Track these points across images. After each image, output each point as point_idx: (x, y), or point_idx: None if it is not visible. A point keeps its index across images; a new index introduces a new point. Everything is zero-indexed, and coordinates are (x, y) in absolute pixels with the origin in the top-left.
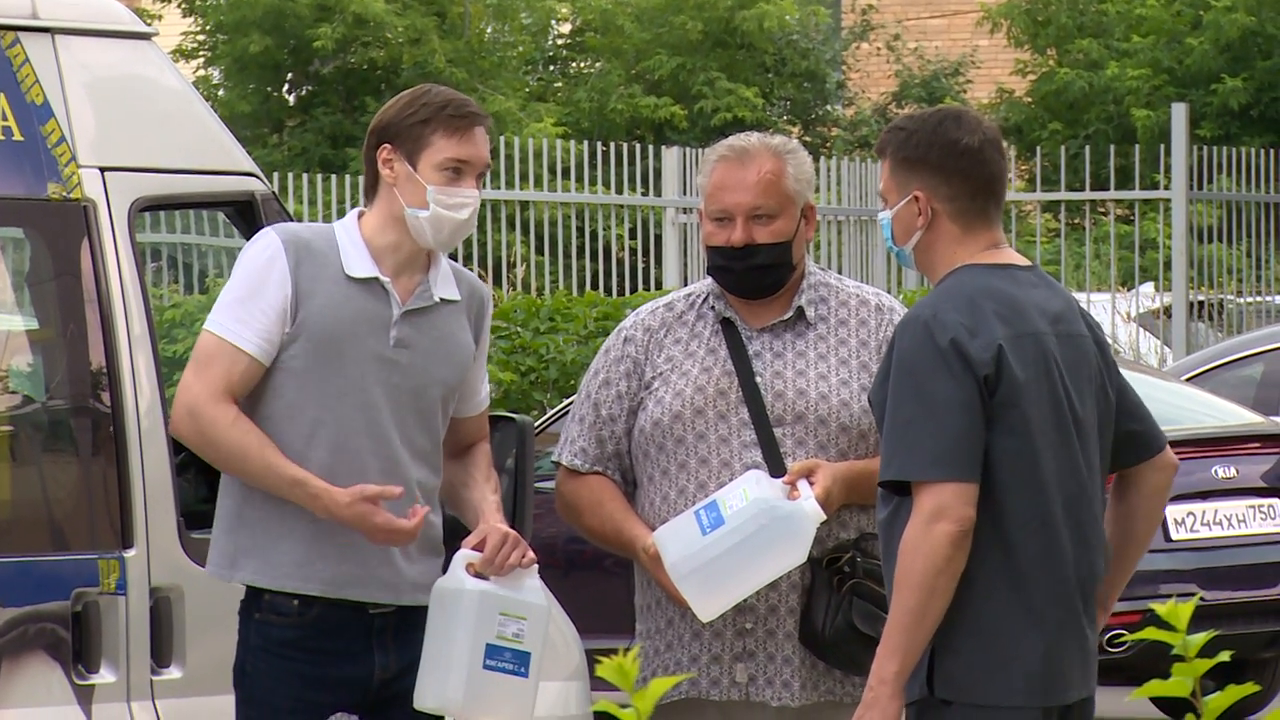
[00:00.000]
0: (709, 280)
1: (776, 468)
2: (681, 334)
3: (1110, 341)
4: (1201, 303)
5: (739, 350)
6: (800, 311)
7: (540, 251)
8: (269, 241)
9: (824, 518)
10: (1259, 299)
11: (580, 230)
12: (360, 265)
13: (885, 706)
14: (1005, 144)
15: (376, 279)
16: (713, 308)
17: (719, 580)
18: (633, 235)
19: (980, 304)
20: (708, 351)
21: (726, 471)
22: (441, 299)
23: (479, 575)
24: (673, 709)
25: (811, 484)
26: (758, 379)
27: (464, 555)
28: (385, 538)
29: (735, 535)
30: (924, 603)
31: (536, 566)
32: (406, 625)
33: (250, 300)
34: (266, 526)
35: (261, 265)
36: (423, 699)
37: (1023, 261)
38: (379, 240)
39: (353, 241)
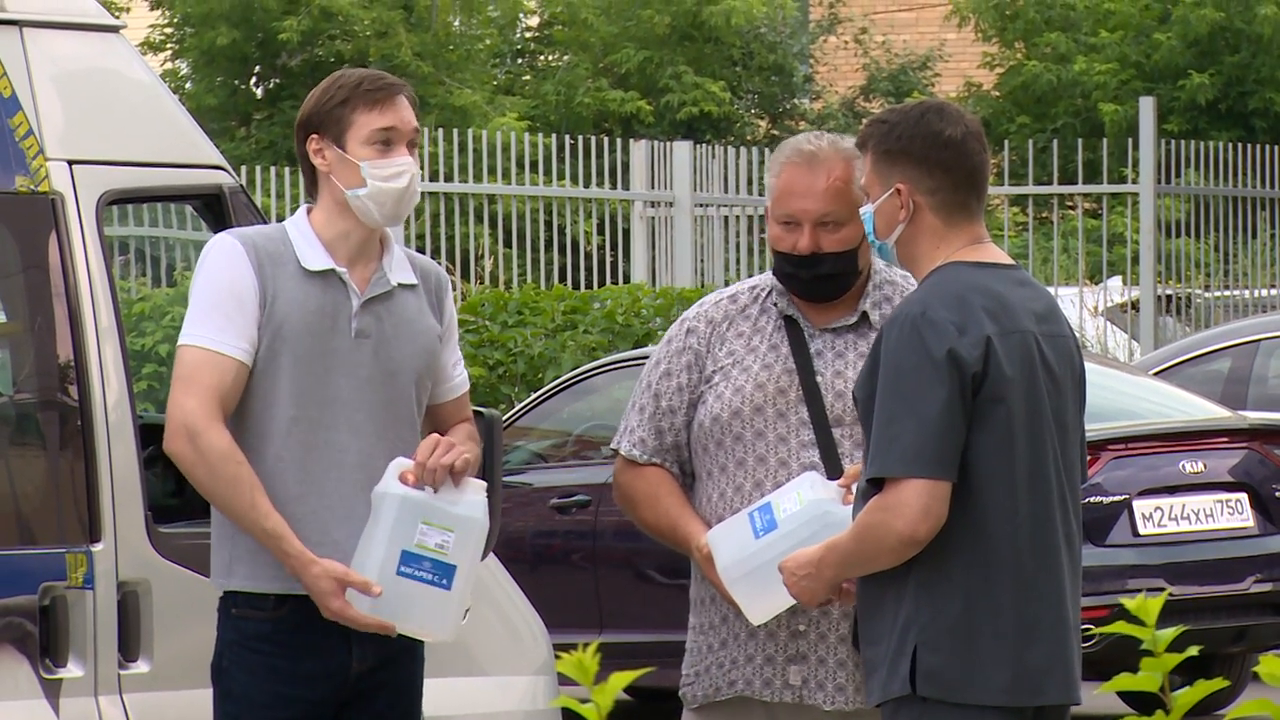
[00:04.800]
0: (771, 274)
1: (833, 469)
2: (744, 327)
3: (1079, 335)
4: (1169, 297)
5: (801, 348)
6: (865, 315)
7: (508, 245)
8: (227, 245)
9: None
10: (1226, 293)
11: (548, 224)
12: (316, 258)
13: (820, 586)
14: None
15: (333, 270)
16: (775, 303)
17: (771, 584)
18: (600, 229)
19: (969, 300)
20: (770, 348)
21: (783, 470)
22: (399, 284)
23: (418, 486)
24: (720, 708)
25: None
26: (818, 378)
27: (399, 463)
28: (334, 618)
29: (788, 540)
30: (862, 568)
31: (485, 485)
32: None
33: (223, 305)
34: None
35: (226, 269)
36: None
37: (1006, 260)
38: (329, 232)
39: (304, 236)
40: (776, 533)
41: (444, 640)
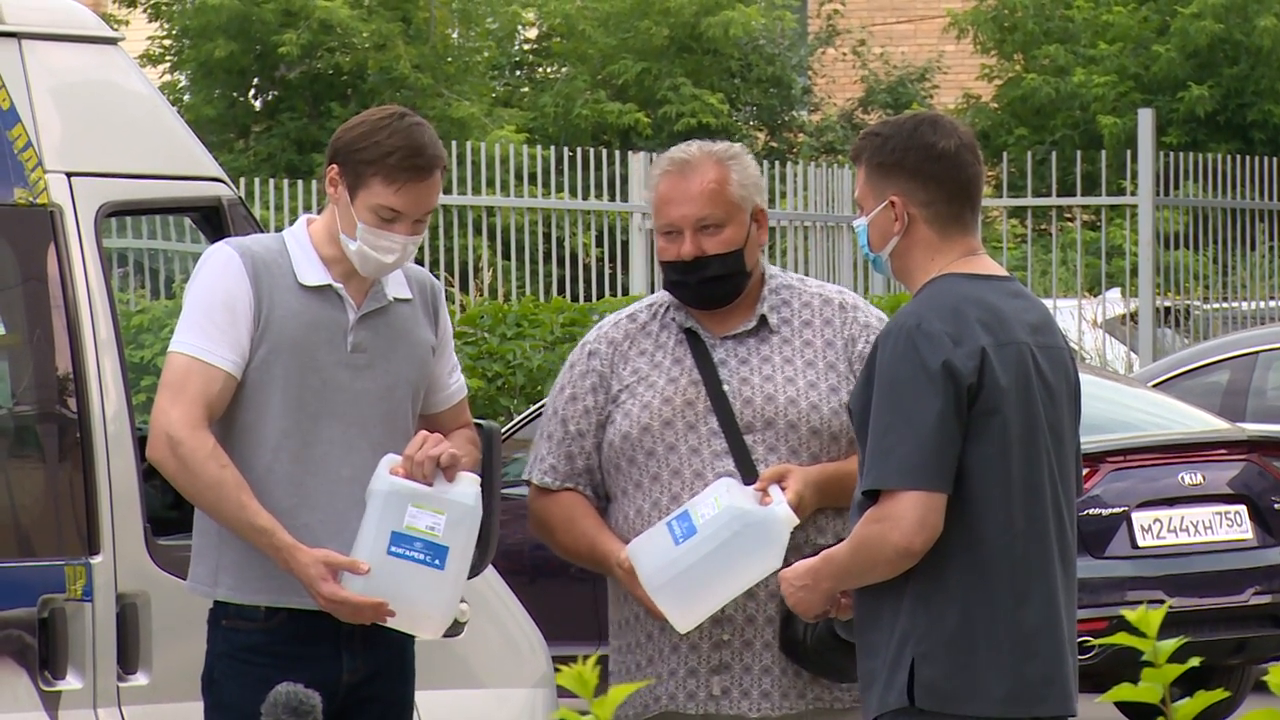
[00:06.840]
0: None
1: (749, 475)
2: (646, 345)
3: (1077, 347)
4: (1168, 309)
5: (704, 359)
6: (763, 319)
7: (506, 257)
8: (225, 254)
9: (797, 522)
10: (1225, 305)
11: (546, 236)
12: (313, 273)
13: (817, 598)
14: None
15: (330, 285)
16: (674, 318)
17: (695, 590)
18: (599, 241)
19: (964, 311)
20: (673, 362)
21: (699, 482)
22: (395, 298)
23: (408, 479)
24: None
25: (783, 489)
26: (725, 387)
27: (390, 458)
28: (328, 607)
29: (709, 543)
30: (859, 580)
31: (478, 479)
32: (375, 627)
33: (216, 315)
34: (245, 542)
35: (222, 278)
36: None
37: (1001, 271)
38: (327, 249)
39: (303, 249)
40: (696, 538)
41: (441, 627)
